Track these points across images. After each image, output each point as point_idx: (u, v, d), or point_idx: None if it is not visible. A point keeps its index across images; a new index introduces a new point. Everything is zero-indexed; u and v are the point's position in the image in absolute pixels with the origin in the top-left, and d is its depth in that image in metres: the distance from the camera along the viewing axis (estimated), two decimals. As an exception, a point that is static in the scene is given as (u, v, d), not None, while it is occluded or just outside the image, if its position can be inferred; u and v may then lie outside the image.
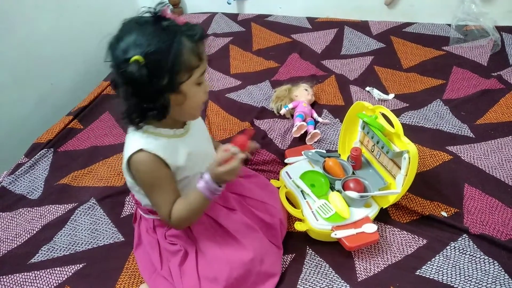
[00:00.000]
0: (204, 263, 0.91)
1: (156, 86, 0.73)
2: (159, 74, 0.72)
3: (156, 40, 0.71)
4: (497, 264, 0.95)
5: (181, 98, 0.79)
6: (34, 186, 1.32)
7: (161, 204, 0.84)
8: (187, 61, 0.75)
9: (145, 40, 0.71)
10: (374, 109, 1.09)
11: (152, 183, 0.83)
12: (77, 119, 1.60)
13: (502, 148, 1.27)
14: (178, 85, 0.76)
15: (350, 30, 2.03)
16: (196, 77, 0.78)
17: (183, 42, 0.73)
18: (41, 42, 1.78)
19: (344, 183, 1.09)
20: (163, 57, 0.72)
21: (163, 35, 0.72)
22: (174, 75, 0.74)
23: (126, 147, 0.83)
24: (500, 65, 1.66)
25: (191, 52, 0.75)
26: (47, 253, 1.11)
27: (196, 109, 0.85)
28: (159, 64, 0.72)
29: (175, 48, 0.72)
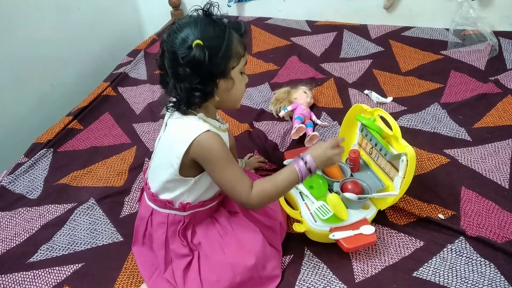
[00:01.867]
0: (207, 267, 0.92)
1: (213, 68, 0.80)
2: (216, 58, 0.80)
3: (210, 30, 0.81)
4: (493, 267, 0.96)
5: (230, 83, 0.86)
6: (34, 186, 1.33)
7: (237, 178, 0.86)
8: (236, 49, 0.84)
9: (201, 30, 0.80)
10: (373, 111, 1.10)
11: (226, 159, 0.86)
12: (77, 120, 1.60)
13: (499, 152, 1.29)
14: (229, 70, 0.84)
15: (349, 34, 2.04)
16: (242, 65, 0.87)
17: (232, 33, 0.83)
18: (41, 43, 1.79)
19: (342, 185, 1.09)
20: (218, 43, 0.80)
21: (216, 27, 0.81)
22: (227, 61, 0.82)
23: (184, 132, 0.85)
24: (497, 70, 1.68)
25: (238, 42, 0.84)
26: (46, 252, 1.11)
27: (239, 97, 0.93)
28: (216, 49, 0.80)
29: (227, 37, 0.81)
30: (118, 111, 1.67)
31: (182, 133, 0.85)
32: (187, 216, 0.94)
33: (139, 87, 1.82)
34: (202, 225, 0.95)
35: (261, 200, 0.87)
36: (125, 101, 1.74)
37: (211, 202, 0.97)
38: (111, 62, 2.07)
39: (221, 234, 0.95)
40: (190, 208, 0.93)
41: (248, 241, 0.94)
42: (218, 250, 0.93)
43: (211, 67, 0.80)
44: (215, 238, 0.95)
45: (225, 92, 0.86)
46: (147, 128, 1.56)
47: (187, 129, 0.85)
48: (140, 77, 1.90)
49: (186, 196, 0.92)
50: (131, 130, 1.56)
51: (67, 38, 1.93)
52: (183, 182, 0.90)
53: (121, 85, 1.83)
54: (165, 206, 0.94)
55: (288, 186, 0.88)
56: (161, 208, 0.95)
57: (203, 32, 0.80)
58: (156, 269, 0.98)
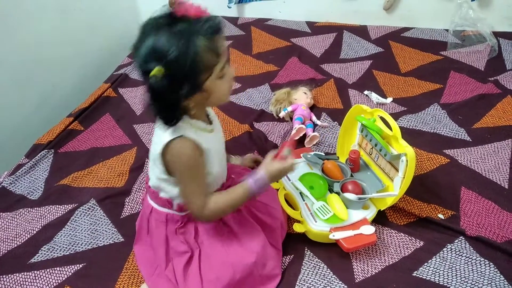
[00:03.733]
0: (207, 265, 0.92)
1: (179, 92, 0.74)
2: (180, 81, 0.74)
3: (173, 47, 0.71)
4: (493, 266, 0.97)
5: (205, 94, 0.80)
6: (35, 187, 1.33)
7: (196, 192, 0.85)
8: (206, 61, 0.75)
9: (162, 49, 0.71)
10: (373, 112, 1.10)
11: (192, 169, 0.83)
12: (77, 121, 1.61)
13: (499, 152, 1.29)
14: (199, 85, 0.77)
15: (349, 35, 2.05)
16: (217, 72, 0.79)
17: (199, 43, 0.73)
18: (42, 44, 1.79)
19: (343, 185, 1.10)
20: (182, 64, 0.72)
21: (179, 40, 0.71)
22: (195, 78, 0.75)
23: (162, 134, 0.82)
24: (497, 70, 1.68)
25: (208, 51, 0.74)
26: (47, 253, 1.11)
27: (224, 97, 0.86)
28: (179, 72, 0.72)
29: (192, 53, 0.72)
30: (118, 112, 1.68)
31: (161, 135, 0.83)
32: (184, 216, 0.94)
33: (139, 88, 1.82)
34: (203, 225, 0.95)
35: (214, 215, 0.89)
36: (125, 102, 1.74)
37: None
38: (111, 63, 2.07)
39: (223, 232, 0.95)
40: (187, 209, 0.93)
41: (249, 239, 0.95)
42: (219, 248, 0.93)
43: (175, 92, 0.74)
44: (216, 235, 0.95)
45: (202, 101, 0.82)
46: (147, 129, 1.57)
47: (165, 131, 0.82)
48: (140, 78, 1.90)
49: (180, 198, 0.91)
50: (131, 131, 1.56)
51: (67, 40, 1.93)
52: (174, 183, 0.88)
53: (122, 86, 1.84)
54: (164, 205, 0.94)
55: (241, 202, 0.89)
56: (160, 207, 0.95)
57: (165, 51, 0.71)
58: (156, 268, 0.98)
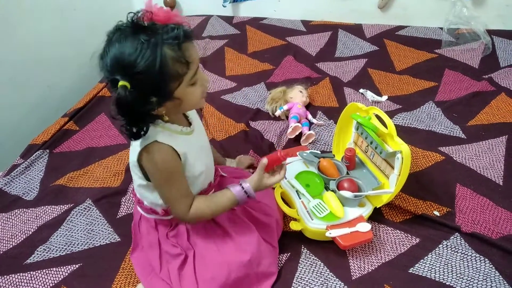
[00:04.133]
0: (202, 265, 0.92)
1: (147, 103, 0.73)
2: (148, 93, 0.72)
3: (138, 58, 0.69)
4: (488, 262, 0.97)
5: (177, 101, 0.78)
6: (30, 187, 1.32)
7: (176, 197, 0.85)
8: (174, 71, 0.73)
9: (128, 61, 0.69)
10: (368, 110, 1.10)
11: (168, 174, 0.82)
12: (72, 121, 1.60)
13: (493, 149, 1.30)
14: (170, 94, 0.75)
15: (344, 33, 2.05)
16: (188, 80, 0.76)
17: (165, 54, 0.70)
18: (38, 45, 1.78)
19: (339, 183, 1.10)
20: (149, 76, 0.70)
21: (145, 51, 0.69)
22: (163, 88, 0.73)
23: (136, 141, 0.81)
24: (491, 68, 1.69)
25: (175, 61, 0.72)
26: (43, 253, 1.11)
27: (197, 103, 0.83)
28: (146, 84, 0.70)
29: (159, 63, 0.69)
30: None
31: (135, 144, 0.82)
32: (173, 219, 0.94)
33: (135, 88, 1.81)
34: (195, 226, 0.95)
35: (198, 219, 0.90)
36: (121, 101, 1.73)
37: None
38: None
39: (216, 232, 0.96)
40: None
41: (243, 238, 0.95)
42: (213, 248, 0.93)
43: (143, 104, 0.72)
44: (210, 236, 0.95)
45: (175, 108, 0.80)
46: (143, 128, 1.56)
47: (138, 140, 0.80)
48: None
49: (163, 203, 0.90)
50: (127, 131, 1.56)
51: (63, 40, 1.93)
52: (151, 188, 0.88)
53: (117, 86, 1.83)
54: (150, 211, 0.94)
55: (224, 209, 0.90)
56: (147, 214, 0.95)
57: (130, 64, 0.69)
58: (152, 270, 0.98)
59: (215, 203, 0.89)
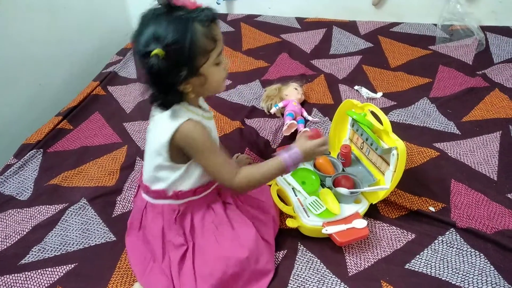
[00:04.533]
0: (201, 260, 0.92)
1: (177, 74, 0.78)
2: (178, 63, 0.78)
3: (171, 31, 0.76)
4: (483, 257, 0.98)
5: (202, 79, 0.84)
6: (24, 187, 1.31)
7: (222, 162, 0.89)
8: (203, 46, 0.79)
9: (162, 33, 0.76)
10: (363, 106, 1.11)
11: (209, 144, 0.87)
12: (66, 120, 1.59)
13: (487, 145, 1.30)
14: (197, 69, 0.81)
15: (338, 30, 2.05)
16: (214, 59, 0.83)
17: (196, 29, 0.77)
18: (29, 43, 1.76)
19: (334, 179, 1.10)
20: (180, 46, 0.76)
21: (177, 25, 0.76)
22: (192, 61, 0.79)
23: (167, 122, 0.85)
24: (484, 64, 1.70)
25: (205, 37, 0.79)
26: (38, 254, 1.10)
27: (219, 85, 0.90)
28: (178, 54, 0.77)
29: (190, 36, 0.76)
30: (108, 110, 1.66)
31: (165, 123, 0.86)
32: (182, 205, 0.94)
33: (129, 86, 1.81)
34: (199, 214, 0.96)
35: (247, 184, 0.91)
36: (115, 100, 1.73)
37: (204, 190, 0.96)
38: (100, 61, 2.05)
39: (216, 224, 0.96)
40: (183, 196, 0.93)
41: (241, 233, 0.95)
42: (212, 241, 0.94)
43: (173, 74, 0.78)
44: (210, 228, 0.95)
45: (199, 86, 0.86)
46: (138, 127, 1.55)
47: (170, 119, 0.85)
48: (130, 75, 1.89)
49: (179, 184, 0.93)
50: (121, 129, 1.55)
51: (55, 38, 1.91)
52: (174, 169, 0.90)
53: (111, 84, 1.82)
54: (159, 196, 0.94)
55: (274, 174, 0.92)
56: (155, 199, 0.95)
57: (164, 35, 0.75)
58: (149, 263, 0.97)
59: (263, 167, 0.92)
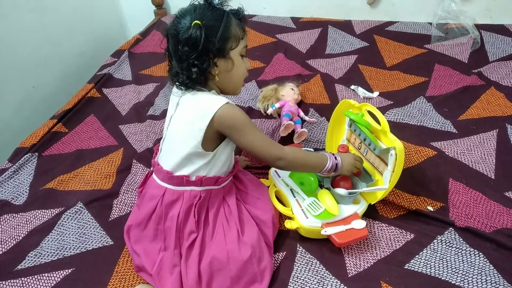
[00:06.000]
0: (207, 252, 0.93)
1: (211, 46, 0.87)
2: (213, 37, 0.88)
3: (209, 13, 0.89)
4: (482, 256, 0.98)
5: (229, 64, 0.93)
6: (19, 192, 1.30)
7: (266, 140, 0.95)
8: (235, 31, 0.91)
9: (200, 14, 0.89)
10: (361, 107, 1.10)
11: (252, 124, 0.94)
12: (61, 123, 1.57)
13: (484, 143, 1.31)
14: (228, 50, 0.91)
15: (334, 30, 2.05)
16: (241, 47, 0.95)
17: (230, 17, 0.91)
18: (21, 44, 1.75)
19: (333, 180, 1.10)
20: (216, 25, 0.89)
21: (215, 11, 0.90)
22: (225, 41, 0.90)
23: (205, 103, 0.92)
24: (480, 62, 1.71)
25: (237, 25, 0.92)
26: (34, 259, 1.09)
27: (240, 80, 1.00)
28: (214, 29, 0.88)
29: (225, 20, 0.89)
30: (103, 112, 1.65)
31: (202, 107, 0.92)
32: (203, 192, 0.96)
33: (124, 88, 1.79)
34: (214, 205, 0.98)
35: (293, 158, 0.97)
36: (110, 102, 1.71)
37: (224, 181, 1.01)
38: (94, 63, 2.04)
39: (227, 219, 0.98)
40: (206, 182, 0.96)
41: (246, 232, 0.96)
42: (220, 235, 0.95)
43: (208, 44, 0.87)
44: (221, 222, 0.97)
45: (225, 73, 0.94)
46: (133, 129, 1.54)
47: (207, 103, 0.92)
48: (125, 77, 1.88)
49: (203, 170, 0.96)
50: (117, 132, 1.54)
51: (48, 39, 1.89)
52: (203, 156, 0.94)
53: (106, 86, 1.81)
54: (181, 183, 0.96)
55: (315, 164, 1.00)
56: (176, 186, 0.96)
57: (202, 14, 0.88)
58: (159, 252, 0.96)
59: (308, 154, 1.01)
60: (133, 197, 1.24)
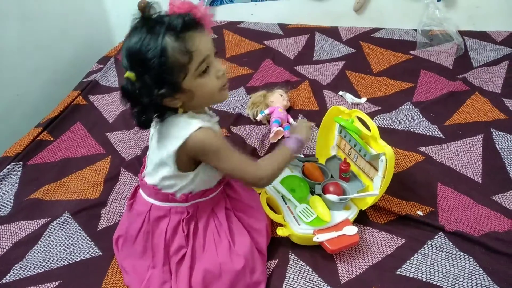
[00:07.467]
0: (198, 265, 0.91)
1: (153, 94, 0.75)
2: (152, 85, 0.75)
3: (142, 50, 0.73)
4: (472, 260, 0.99)
5: (189, 94, 0.80)
6: (3, 202, 1.26)
7: (242, 161, 0.88)
8: (176, 62, 0.75)
9: (133, 52, 0.75)
10: (350, 113, 1.11)
11: (227, 148, 0.85)
12: (46, 131, 1.54)
13: (471, 148, 1.33)
14: (177, 86, 0.77)
15: (321, 36, 2.07)
16: (193, 71, 0.78)
17: (166, 44, 0.73)
18: (4, 51, 1.71)
19: (324, 186, 1.10)
20: (151, 67, 0.73)
21: (147, 42, 0.73)
22: (168, 79, 0.75)
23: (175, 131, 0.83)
24: (464, 68, 1.74)
25: (177, 51, 0.74)
26: (20, 272, 1.05)
27: (213, 95, 0.85)
28: (149, 76, 0.74)
29: (160, 54, 0.73)
30: (90, 120, 1.62)
31: (174, 132, 0.83)
32: (190, 207, 0.92)
33: (111, 95, 1.77)
34: (203, 218, 0.95)
35: (272, 172, 0.91)
36: (96, 109, 1.69)
37: (212, 192, 0.96)
38: (80, 70, 2.01)
39: (218, 230, 0.95)
40: (192, 198, 0.92)
41: (238, 242, 0.94)
42: (212, 248, 0.92)
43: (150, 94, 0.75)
44: (212, 234, 0.94)
45: (190, 100, 0.82)
46: (121, 137, 1.52)
47: (179, 128, 0.83)
48: (111, 84, 1.85)
49: (187, 188, 0.91)
50: (104, 140, 1.51)
51: (32, 46, 1.86)
52: (182, 177, 0.89)
53: (92, 93, 1.78)
54: (166, 199, 0.92)
55: (287, 161, 0.95)
56: (162, 202, 0.93)
57: (133, 56, 0.75)
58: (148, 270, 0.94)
59: (278, 154, 0.94)
60: (121, 206, 1.22)
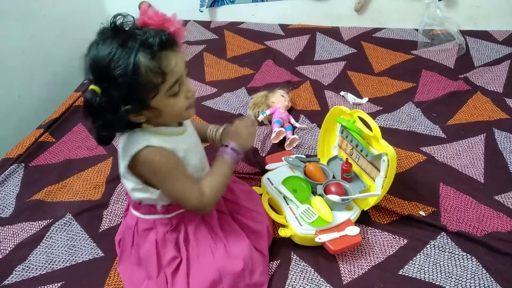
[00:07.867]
0: (195, 272, 0.90)
1: (118, 111, 0.71)
2: (118, 101, 0.70)
3: (111, 65, 0.68)
4: (474, 260, 0.99)
5: (156, 112, 0.77)
6: (5, 204, 1.26)
7: (186, 188, 0.83)
8: (148, 81, 0.71)
9: (101, 66, 0.69)
10: (352, 113, 1.11)
11: (169, 171, 0.81)
12: (48, 132, 1.55)
13: (473, 147, 1.32)
14: (145, 104, 0.74)
15: (322, 36, 2.07)
16: (165, 91, 0.75)
17: (139, 62, 0.69)
18: (6, 53, 1.71)
19: (326, 187, 1.10)
20: (119, 84, 0.69)
21: (118, 57, 0.68)
22: (137, 97, 0.72)
23: (127, 146, 0.80)
24: (466, 68, 1.74)
25: (150, 71, 0.70)
26: (22, 273, 1.06)
27: (180, 115, 0.83)
28: (117, 92, 0.69)
29: (130, 72, 0.68)
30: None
31: (126, 148, 0.80)
32: (173, 218, 0.91)
33: (112, 96, 1.77)
34: (192, 225, 0.93)
35: (214, 197, 0.87)
36: (98, 111, 1.69)
37: None
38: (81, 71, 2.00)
39: (211, 236, 0.94)
40: (173, 210, 0.90)
41: (235, 245, 0.93)
42: (208, 253, 0.91)
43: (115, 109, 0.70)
44: (205, 239, 0.93)
45: (155, 117, 0.79)
46: (123, 138, 1.52)
47: (131, 144, 0.79)
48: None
49: (163, 200, 0.88)
50: (106, 141, 1.51)
51: (34, 47, 1.86)
52: (151, 191, 0.86)
53: (94, 95, 1.78)
54: (149, 212, 0.91)
55: (229, 176, 0.90)
56: (145, 215, 0.92)
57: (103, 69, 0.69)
58: (143, 281, 0.94)
59: (218, 173, 0.88)
60: (123, 207, 1.22)
